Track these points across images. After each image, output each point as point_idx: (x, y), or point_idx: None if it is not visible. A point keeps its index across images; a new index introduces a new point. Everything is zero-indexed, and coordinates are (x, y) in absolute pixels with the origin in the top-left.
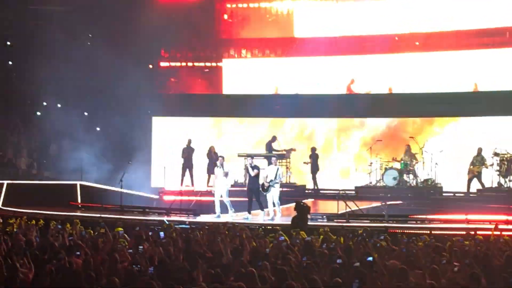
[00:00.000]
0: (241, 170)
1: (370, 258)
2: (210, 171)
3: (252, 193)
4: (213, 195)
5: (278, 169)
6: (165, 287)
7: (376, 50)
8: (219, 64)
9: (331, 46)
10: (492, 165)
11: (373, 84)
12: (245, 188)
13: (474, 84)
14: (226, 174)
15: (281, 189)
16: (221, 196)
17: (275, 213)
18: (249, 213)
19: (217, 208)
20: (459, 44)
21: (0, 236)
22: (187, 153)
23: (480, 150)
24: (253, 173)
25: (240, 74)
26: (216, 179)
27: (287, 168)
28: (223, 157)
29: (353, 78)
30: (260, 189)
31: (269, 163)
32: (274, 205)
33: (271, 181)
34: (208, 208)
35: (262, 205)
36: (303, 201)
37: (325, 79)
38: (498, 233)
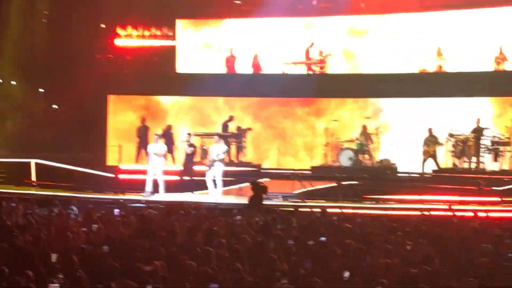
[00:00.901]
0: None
1: (323, 238)
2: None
3: (188, 172)
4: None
5: (220, 148)
6: (119, 266)
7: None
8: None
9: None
10: (443, 144)
11: (331, 48)
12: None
13: (437, 47)
14: (161, 153)
15: (232, 168)
16: (155, 175)
17: (216, 193)
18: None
19: (149, 187)
20: (422, 6)
21: None
22: (142, 131)
23: (430, 130)
24: (189, 150)
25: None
26: (151, 157)
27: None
28: (158, 136)
29: (313, 41)
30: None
31: (216, 141)
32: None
33: (212, 159)
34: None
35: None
36: (259, 180)
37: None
38: (452, 213)
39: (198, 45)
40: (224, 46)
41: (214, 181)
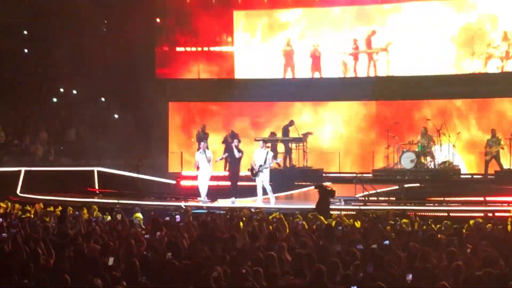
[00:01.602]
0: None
1: (387, 242)
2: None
3: (233, 177)
4: (229, 179)
5: (267, 153)
6: (182, 271)
7: None
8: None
9: None
10: (505, 144)
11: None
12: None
13: (504, 31)
14: (209, 160)
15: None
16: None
17: (269, 199)
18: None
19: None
20: None
21: (18, 223)
22: (201, 138)
23: (494, 131)
24: (237, 155)
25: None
26: (200, 164)
27: (277, 153)
28: (204, 142)
29: (374, 29)
30: (249, 173)
31: (261, 147)
32: (265, 191)
33: (260, 166)
34: (226, 192)
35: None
36: (324, 184)
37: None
38: None
39: (256, 43)
40: (282, 38)
41: (263, 187)
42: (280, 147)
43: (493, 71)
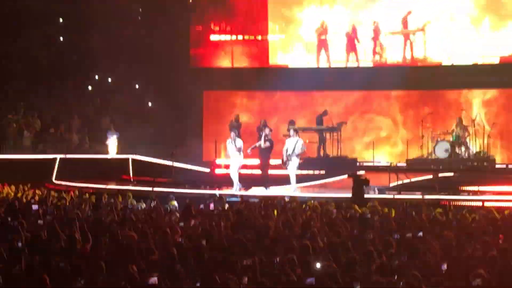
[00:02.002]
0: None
1: (421, 234)
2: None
3: (262, 166)
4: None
5: (297, 141)
6: (217, 259)
7: None
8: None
9: None
10: None
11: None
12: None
13: None
14: (239, 149)
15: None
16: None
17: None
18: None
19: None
20: None
21: (54, 210)
22: (235, 127)
23: None
24: (264, 145)
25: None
26: (230, 153)
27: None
28: (235, 131)
29: (410, 10)
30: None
31: (292, 135)
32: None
33: (289, 155)
34: (259, 181)
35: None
36: (358, 173)
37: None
38: None
39: (290, 30)
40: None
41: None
42: (315, 137)
43: None
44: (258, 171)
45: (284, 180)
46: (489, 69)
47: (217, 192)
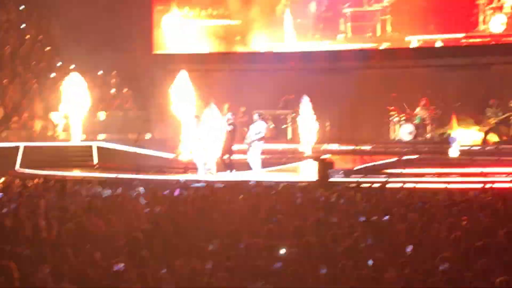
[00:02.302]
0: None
1: (386, 217)
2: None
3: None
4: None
5: (261, 125)
6: (183, 245)
7: None
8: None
9: None
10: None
11: None
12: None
13: None
14: (203, 134)
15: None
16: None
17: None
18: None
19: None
20: None
21: (18, 198)
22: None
23: (493, 102)
24: (228, 128)
25: None
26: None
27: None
28: (198, 117)
29: None
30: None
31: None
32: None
33: (252, 140)
34: (225, 166)
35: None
36: (322, 156)
37: None
38: None
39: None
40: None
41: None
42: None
43: None
44: (222, 156)
45: (248, 165)
46: (452, 51)
47: (182, 177)
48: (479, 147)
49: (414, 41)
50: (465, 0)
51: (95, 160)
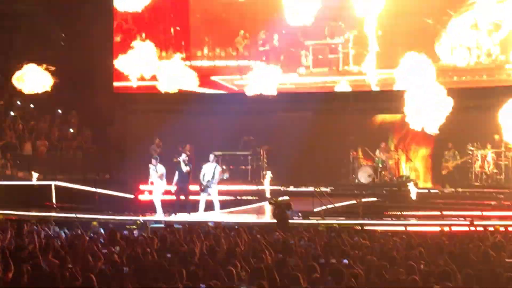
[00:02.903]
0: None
1: (346, 261)
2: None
3: (183, 192)
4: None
5: (215, 167)
6: (140, 287)
7: None
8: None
9: None
10: (465, 160)
11: None
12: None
13: None
14: (161, 176)
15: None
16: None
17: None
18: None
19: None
20: None
21: None
22: (156, 152)
23: (451, 145)
24: (185, 169)
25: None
26: (152, 179)
27: (223, 168)
28: (156, 158)
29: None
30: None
31: (211, 161)
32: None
33: (208, 181)
34: (182, 207)
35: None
36: (280, 198)
37: None
38: (474, 228)
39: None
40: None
41: (211, 201)
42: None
43: None
44: (180, 197)
45: (208, 206)
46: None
47: (140, 218)
48: (436, 191)
49: (373, 77)
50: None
51: (54, 199)
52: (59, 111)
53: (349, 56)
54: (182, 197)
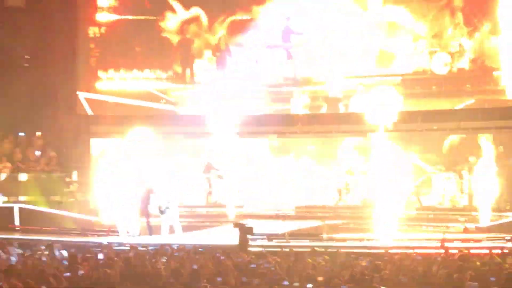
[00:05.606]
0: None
1: (310, 286)
2: None
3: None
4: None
5: (171, 190)
6: None
7: None
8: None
9: None
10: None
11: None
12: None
13: None
14: (125, 198)
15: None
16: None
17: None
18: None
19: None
20: None
21: None
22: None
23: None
24: (145, 190)
25: None
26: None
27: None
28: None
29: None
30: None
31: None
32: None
33: (168, 202)
34: (149, 229)
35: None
36: (243, 221)
37: None
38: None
39: None
40: None
41: (171, 226)
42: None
43: None
44: (142, 219)
45: (169, 228)
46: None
47: (104, 240)
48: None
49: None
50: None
51: (17, 221)
52: (22, 133)
53: None
54: (144, 219)
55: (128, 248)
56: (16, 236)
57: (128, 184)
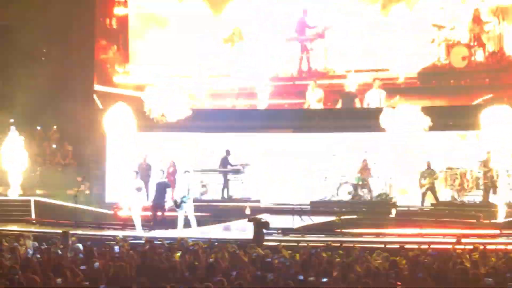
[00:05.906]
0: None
1: (325, 280)
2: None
3: (160, 208)
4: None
5: (189, 184)
6: None
7: None
8: None
9: None
10: (436, 178)
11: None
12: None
13: None
14: (139, 190)
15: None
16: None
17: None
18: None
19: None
20: None
21: None
22: (143, 168)
23: (428, 163)
24: (161, 184)
25: None
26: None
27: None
28: (136, 172)
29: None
30: (173, 205)
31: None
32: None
33: (183, 196)
34: (165, 223)
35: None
36: (259, 216)
37: None
38: (462, 246)
39: None
40: None
41: (186, 217)
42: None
43: None
44: (157, 213)
45: (186, 222)
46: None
47: (120, 234)
48: (416, 208)
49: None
50: None
51: (33, 214)
52: (38, 127)
53: None
54: (159, 213)
55: (144, 242)
56: (32, 229)
57: (138, 178)
